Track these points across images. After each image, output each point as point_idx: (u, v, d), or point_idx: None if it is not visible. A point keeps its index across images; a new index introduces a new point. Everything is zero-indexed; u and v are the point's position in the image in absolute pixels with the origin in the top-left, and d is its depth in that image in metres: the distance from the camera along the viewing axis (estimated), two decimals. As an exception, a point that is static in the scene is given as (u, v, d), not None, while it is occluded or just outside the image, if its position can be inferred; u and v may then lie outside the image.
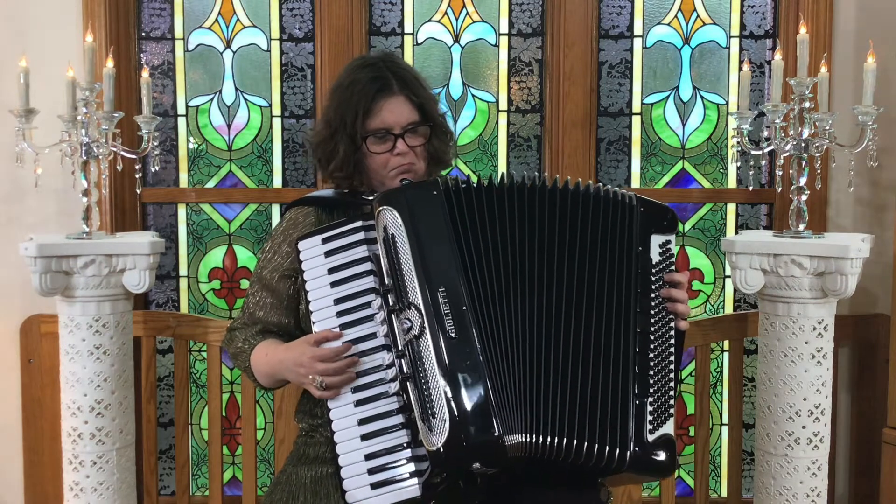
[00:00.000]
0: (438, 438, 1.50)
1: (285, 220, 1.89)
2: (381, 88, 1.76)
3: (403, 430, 1.59)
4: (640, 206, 1.69)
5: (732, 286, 2.59)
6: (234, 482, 2.98)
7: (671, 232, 1.70)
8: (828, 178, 2.76)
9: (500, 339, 1.57)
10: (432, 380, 1.52)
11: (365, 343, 1.63)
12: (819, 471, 2.45)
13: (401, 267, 1.57)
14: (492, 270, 1.59)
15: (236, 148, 2.98)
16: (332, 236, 1.68)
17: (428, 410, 1.51)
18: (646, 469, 1.61)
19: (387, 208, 1.60)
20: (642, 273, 1.65)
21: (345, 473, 1.59)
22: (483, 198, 1.63)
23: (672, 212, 1.72)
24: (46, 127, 2.51)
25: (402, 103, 1.77)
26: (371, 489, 1.58)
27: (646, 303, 1.64)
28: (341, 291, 1.65)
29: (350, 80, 1.79)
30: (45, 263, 2.38)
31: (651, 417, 1.59)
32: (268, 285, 1.85)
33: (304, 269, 1.68)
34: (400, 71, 1.80)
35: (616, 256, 1.65)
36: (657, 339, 1.64)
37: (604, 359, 1.60)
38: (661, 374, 1.63)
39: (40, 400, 2.84)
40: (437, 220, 1.60)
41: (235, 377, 2.98)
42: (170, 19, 2.93)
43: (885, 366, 2.72)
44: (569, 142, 2.87)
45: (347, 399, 1.63)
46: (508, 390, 1.54)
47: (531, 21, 2.94)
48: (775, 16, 2.92)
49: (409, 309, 1.55)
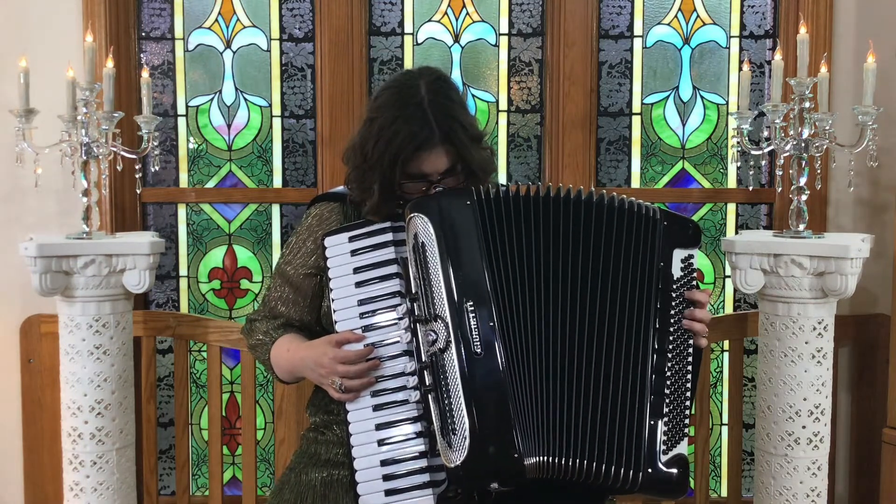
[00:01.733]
0: (458, 456, 1.49)
1: (311, 215, 1.86)
2: (422, 143, 1.65)
3: (421, 439, 1.58)
4: (664, 220, 1.66)
5: (732, 286, 2.59)
6: (234, 482, 2.98)
7: (694, 246, 1.68)
8: (828, 178, 2.76)
9: (524, 357, 1.55)
10: (454, 395, 1.50)
11: (387, 348, 1.61)
12: (819, 471, 2.45)
13: (429, 277, 1.56)
14: (519, 287, 1.58)
15: (236, 148, 2.98)
16: (360, 235, 1.67)
17: (448, 426, 1.50)
18: (657, 490, 1.60)
19: (419, 216, 1.58)
20: (663, 289, 1.63)
21: (359, 477, 1.58)
22: (512, 209, 1.61)
23: (696, 225, 1.69)
24: (46, 127, 2.51)
25: (442, 154, 1.67)
26: (385, 496, 1.57)
27: (665, 320, 1.62)
28: (366, 293, 1.64)
29: (391, 121, 1.66)
30: (45, 263, 2.38)
31: (665, 438, 1.58)
32: (291, 281, 1.84)
33: (329, 267, 1.67)
34: (445, 119, 1.66)
35: (637, 272, 1.62)
36: (674, 357, 1.62)
37: (622, 379, 1.58)
38: (677, 395, 1.61)
39: (40, 400, 2.83)
40: (468, 232, 1.58)
41: (235, 377, 2.98)
42: (170, 19, 2.93)
43: (885, 366, 2.72)
44: (569, 142, 2.87)
45: (366, 403, 1.62)
46: (529, 410, 1.53)
47: (531, 21, 2.94)
48: (775, 16, 2.92)
49: (436, 321, 1.54)
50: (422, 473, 1.57)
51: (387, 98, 1.72)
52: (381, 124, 1.67)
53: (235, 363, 2.96)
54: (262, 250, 2.99)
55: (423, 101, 1.67)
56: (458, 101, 1.74)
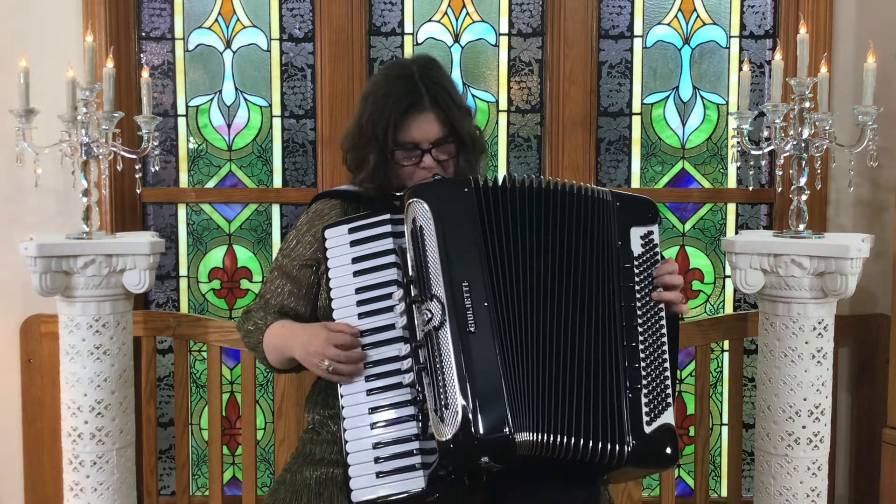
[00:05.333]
0: (450, 429, 1.51)
1: (311, 210, 1.91)
2: (412, 104, 1.76)
3: (413, 422, 1.60)
4: (617, 202, 1.72)
5: (732, 286, 2.59)
6: (234, 482, 2.98)
7: (652, 223, 1.73)
8: (828, 178, 2.76)
9: (515, 336, 1.58)
10: (448, 371, 1.53)
11: (382, 333, 1.65)
12: (819, 471, 2.45)
13: (426, 258, 1.60)
14: (511, 270, 1.62)
15: (236, 148, 2.98)
16: (359, 227, 1.70)
17: (441, 401, 1.53)
18: (646, 461, 1.62)
19: (417, 200, 1.63)
20: (624, 266, 1.68)
21: (351, 460, 1.61)
22: (508, 197, 1.66)
23: (652, 203, 1.75)
24: (46, 127, 2.51)
25: (432, 120, 1.77)
26: (376, 478, 1.59)
27: (629, 295, 1.67)
28: (364, 281, 1.68)
29: (384, 92, 1.78)
30: (45, 263, 2.38)
31: (647, 409, 1.60)
32: (288, 273, 1.87)
33: (329, 258, 1.70)
34: (434, 86, 1.78)
35: (599, 252, 1.67)
36: (646, 330, 1.66)
37: (597, 355, 1.62)
38: (654, 366, 1.64)
39: (40, 400, 2.83)
40: (466, 216, 1.63)
41: (235, 377, 2.98)
42: (170, 19, 2.93)
43: (885, 366, 2.72)
44: (569, 142, 2.87)
45: (360, 387, 1.64)
46: (520, 388, 1.55)
47: (531, 21, 2.94)
48: (775, 16, 2.92)
49: (432, 300, 1.57)
50: (414, 455, 1.59)
51: (379, 76, 1.87)
52: (374, 98, 1.80)
53: (235, 363, 2.96)
54: (262, 250, 2.99)
55: (414, 73, 1.79)
56: (447, 77, 1.86)
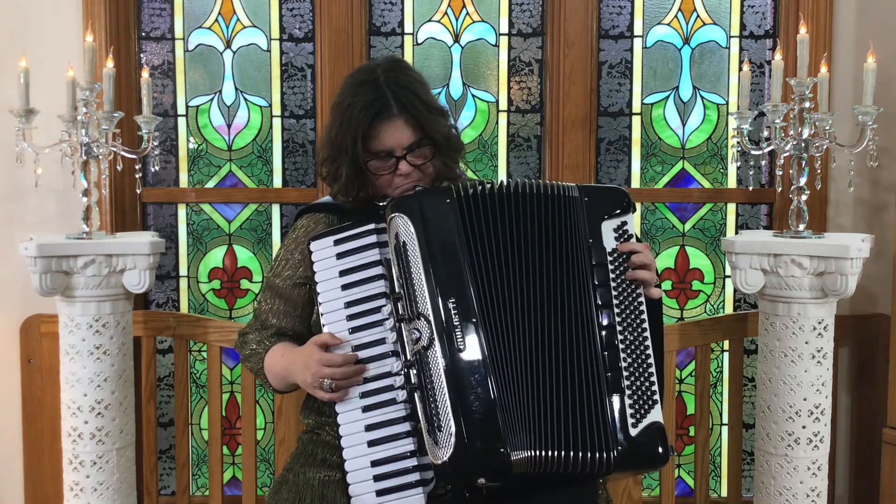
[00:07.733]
0: (444, 452, 1.50)
1: (298, 227, 1.87)
2: (379, 111, 1.68)
3: (410, 439, 1.59)
4: (585, 196, 1.66)
5: (732, 286, 2.59)
6: (234, 482, 2.98)
7: (625, 213, 1.68)
8: (828, 178, 2.76)
9: (503, 352, 1.56)
10: (439, 392, 1.52)
11: (374, 348, 1.63)
12: (819, 471, 2.45)
13: (411, 276, 1.57)
14: (495, 280, 1.59)
15: (236, 148, 2.98)
16: (344, 238, 1.68)
17: (434, 423, 1.51)
18: (637, 464, 1.61)
19: (399, 215, 1.60)
20: (598, 265, 1.63)
21: (350, 479, 1.60)
22: (489, 205, 1.62)
23: (622, 192, 1.70)
24: (46, 127, 2.51)
25: (402, 126, 1.70)
26: (376, 496, 1.59)
27: (606, 295, 1.63)
28: (352, 295, 1.65)
29: (350, 101, 1.71)
30: (45, 263, 2.38)
31: (632, 410, 1.58)
32: (280, 293, 1.84)
33: (316, 271, 1.69)
34: (400, 90, 1.70)
35: (572, 253, 1.63)
36: (626, 328, 1.62)
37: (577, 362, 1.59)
38: (637, 364, 1.61)
39: (40, 400, 2.83)
40: (449, 229, 1.59)
41: (235, 377, 2.98)
42: (170, 19, 2.93)
43: (885, 366, 2.72)
44: (569, 142, 2.87)
45: (355, 404, 1.63)
46: (511, 404, 1.54)
47: (531, 21, 2.94)
48: (775, 16, 2.92)
49: (419, 319, 1.55)
50: (412, 473, 1.58)
51: (346, 84, 1.78)
52: (340, 109, 1.73)
53: (235, 363, 2.96)
54: (262, 250, 2.99)
55: (379, 78, 1.72)
56: (415, 78, 1.77)
